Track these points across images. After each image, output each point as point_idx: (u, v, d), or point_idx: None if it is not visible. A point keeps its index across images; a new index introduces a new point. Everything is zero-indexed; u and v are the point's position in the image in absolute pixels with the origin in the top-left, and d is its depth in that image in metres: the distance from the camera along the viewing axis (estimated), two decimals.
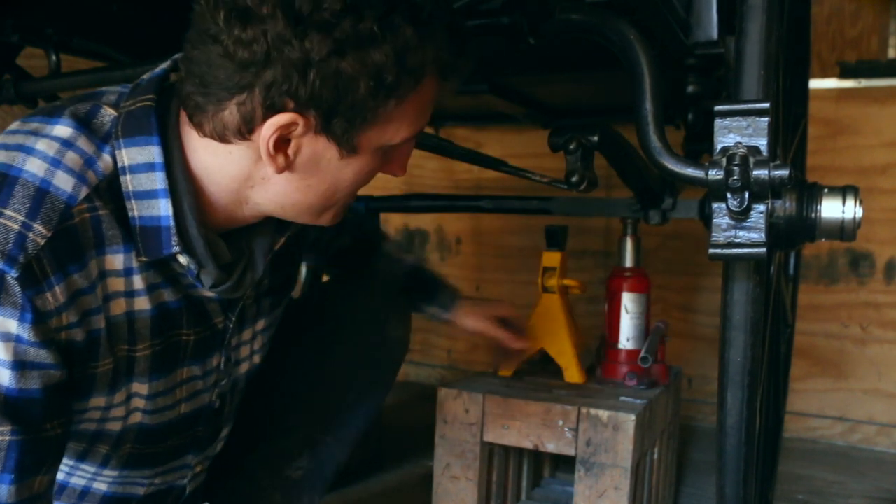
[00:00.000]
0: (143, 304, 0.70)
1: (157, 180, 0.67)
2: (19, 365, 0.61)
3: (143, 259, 0.68)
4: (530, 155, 2.00)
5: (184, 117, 0.68)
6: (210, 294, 0.75)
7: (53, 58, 1.12)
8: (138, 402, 0.75)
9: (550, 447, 1.16)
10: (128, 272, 0.68)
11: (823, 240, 0.79)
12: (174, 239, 0.67)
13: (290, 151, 0.66)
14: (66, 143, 0.65)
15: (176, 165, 0.68)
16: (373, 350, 1.02)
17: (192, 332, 0.76)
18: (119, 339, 0.70)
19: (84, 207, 0.64)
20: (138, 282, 0.69)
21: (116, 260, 0.67)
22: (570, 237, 1.39)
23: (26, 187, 0.62)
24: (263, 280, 0.83)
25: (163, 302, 0.72)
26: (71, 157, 0.65)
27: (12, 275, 0.60)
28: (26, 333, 0.61)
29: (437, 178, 2.22)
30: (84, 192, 0.64)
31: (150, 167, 0.67)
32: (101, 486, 0.82)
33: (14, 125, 0.68)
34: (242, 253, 0.76)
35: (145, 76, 0.72)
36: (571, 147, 1.03)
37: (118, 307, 0.69)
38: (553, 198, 1.40)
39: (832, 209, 0.77)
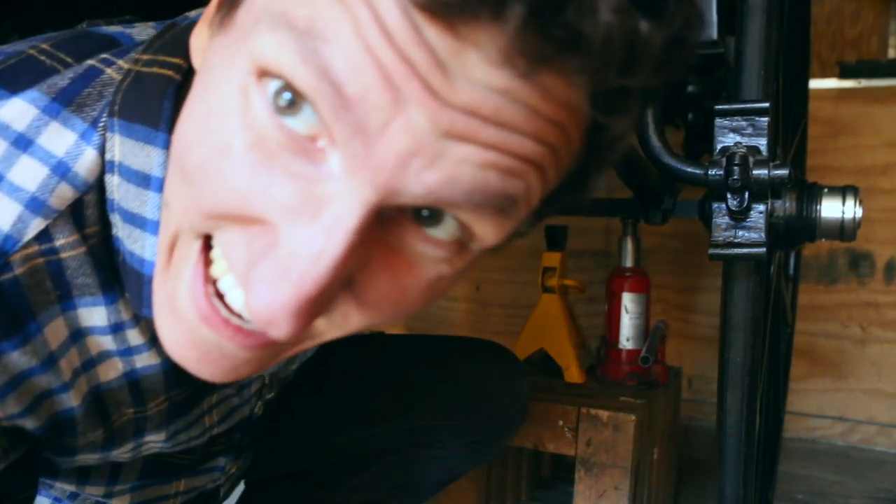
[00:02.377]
0: (149, 359, 0.49)
1: (148, 205, 0.43)
2: None
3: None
4: None
5: None
6: None
7: None
8: (153, 446, 0.57)
9: (550, 447, 1.16)
10: (117, 328, 0.47)
11: (823, 240, 0.79)
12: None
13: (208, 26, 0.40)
14: (21, 141, 0.40)
15: None
16: (478, 456, 0.94)
17: None
18: (118, 405, 0.51)
19: (33, 251, 0.41)
20: (135, 336, 0.48)
21: (95, 315, 0.45)
22: (570, 237, 1.39)
23: None
24: None
25: None
26: (23, 168, 0.40)
27: None
28: None
29: None
30: (35, 226, 0.41)
31: (143, 180, 0.43)
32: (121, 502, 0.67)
33: None
34: None
35: (193, 13, 0.49)
36: None
37: (111, 370, 0.48)
38: None
39: (832, 209, 0.77)
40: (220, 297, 0.38)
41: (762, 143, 0.65)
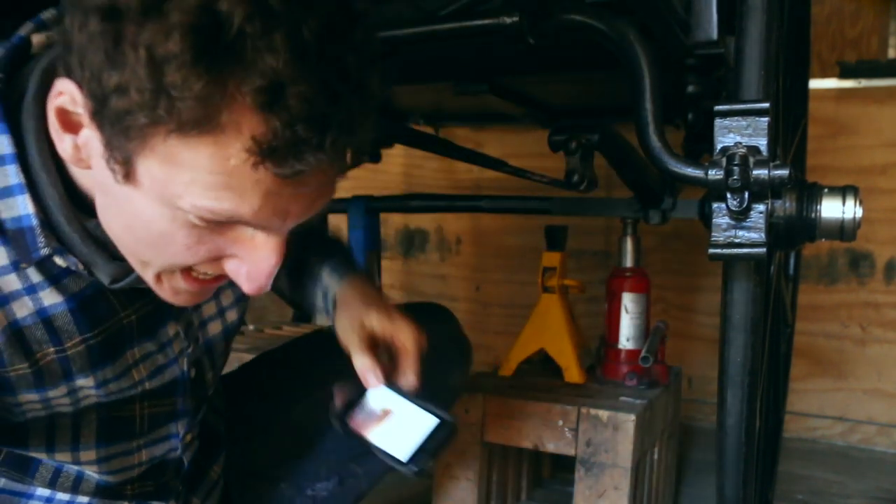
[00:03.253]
0: (52, 297, 0.62)
1: (10, 175, 0.58)
2: None
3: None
4: (530, 155, 2.00)
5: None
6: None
7: None
8: (87, 392, 0.68)
9: (550, 447, 1.16)
10: (15, 265, 0.59)
11: (823, 240, 0.79)
12: (40, 240, 0.58)
13: (80, 142, 0.54)
14: None
15: (36, 154, 0.58)
16: (429, 397, 0.97)
17: (131, 310, 0.68)
18: (37, 343, 0.62)
19: None
20: (35, 274, 0.60)
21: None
22: (570, 237, 1.39)
23: None
24: None
25: (76, 292, 0.63)
26: None
27: None
28: None
29: (437, 178, 2.22)
30: None
31: (0, 160, 0.58)
32: (92, 474, 0.75)
33: None
34: None
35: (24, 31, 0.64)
36: (571, 147, 1.03)
37: (23, 308, 0.60)
38: (553, 198, 1.40)
39: (832, 209, 0.77)
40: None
41: (762, 143, 0.65)
